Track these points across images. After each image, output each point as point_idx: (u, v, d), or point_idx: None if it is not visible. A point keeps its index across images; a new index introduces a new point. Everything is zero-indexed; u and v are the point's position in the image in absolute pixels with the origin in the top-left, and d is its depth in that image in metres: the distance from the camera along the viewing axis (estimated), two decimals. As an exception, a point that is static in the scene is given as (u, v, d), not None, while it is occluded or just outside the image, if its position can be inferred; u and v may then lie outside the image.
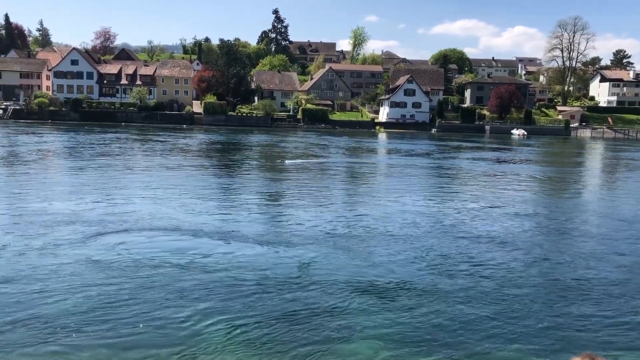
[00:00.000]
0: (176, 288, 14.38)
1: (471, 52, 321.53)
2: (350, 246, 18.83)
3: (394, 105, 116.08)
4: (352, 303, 13.76)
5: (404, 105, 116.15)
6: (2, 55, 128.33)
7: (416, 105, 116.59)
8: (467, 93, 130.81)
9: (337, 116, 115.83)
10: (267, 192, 31.29)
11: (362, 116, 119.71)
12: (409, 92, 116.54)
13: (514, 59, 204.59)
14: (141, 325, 12.25)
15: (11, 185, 30.68)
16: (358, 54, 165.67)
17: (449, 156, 60.73)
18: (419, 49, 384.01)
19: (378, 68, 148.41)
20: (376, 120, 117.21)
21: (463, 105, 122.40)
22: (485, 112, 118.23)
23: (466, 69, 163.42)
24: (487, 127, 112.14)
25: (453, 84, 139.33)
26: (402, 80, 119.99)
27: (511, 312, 13.31)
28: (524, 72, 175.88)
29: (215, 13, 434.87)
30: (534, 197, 32.02)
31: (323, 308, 13.48)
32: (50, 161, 44.22)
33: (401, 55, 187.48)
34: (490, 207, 27.30)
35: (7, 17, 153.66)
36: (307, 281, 15.48)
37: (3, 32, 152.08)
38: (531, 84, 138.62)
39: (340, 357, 11.11)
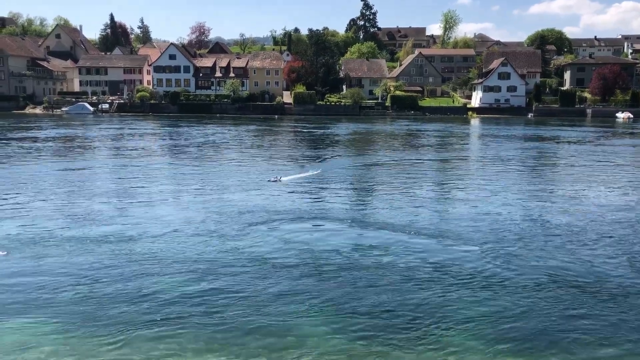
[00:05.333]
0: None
1: (571, 32, 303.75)
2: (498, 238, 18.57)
3: (487, 89, 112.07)
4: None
5: (498, 89, 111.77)
6: (108, 53, 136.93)
7: (511, 89, 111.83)
8: (567, 75, 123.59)
9: (427, 102, 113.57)
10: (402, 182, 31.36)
11: (453, 102, 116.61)
12: (504, 76, 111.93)
13: (619, 37, 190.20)
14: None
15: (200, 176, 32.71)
16: (449, 38, 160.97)
17: (550, 142, 57.82)
18: (514, 31, 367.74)
19: (470, 52, 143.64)
20: (468, 106, 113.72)
21: (562, 88, 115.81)
22: (586, 94, 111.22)
23: (565, 49, 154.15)
24: (589, 111, 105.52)
25: (551, 66, 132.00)
26: (496, 63, 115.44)
27: None
28: (630, 50, 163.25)
29: (304, 3, 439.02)
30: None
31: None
32: (223, 154, 46.20)
33: (495, 38, 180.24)
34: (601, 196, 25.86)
35: (112, 17, 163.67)
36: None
37: (108, 31, 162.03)
38: (639, 63, 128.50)
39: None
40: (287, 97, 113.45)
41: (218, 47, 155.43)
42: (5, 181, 30.19)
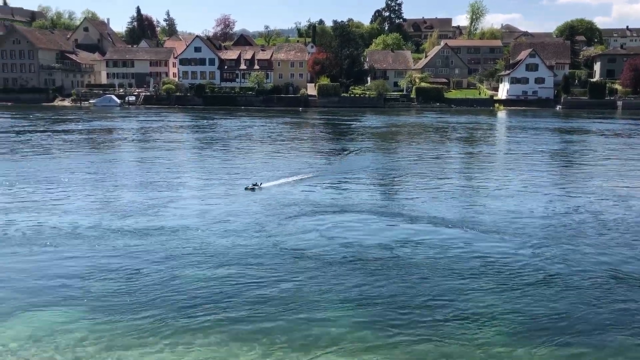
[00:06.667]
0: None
1: (602, 22, 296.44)
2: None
3: (514, 81, 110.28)
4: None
5: (526, 81, 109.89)
6: (135, 46, 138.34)
7: (539, 80, 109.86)
8: (597, 66, 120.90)
9: (452, 94, 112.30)
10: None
11: (479, 94, 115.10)
12: (531, 67, 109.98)
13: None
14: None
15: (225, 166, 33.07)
16: (476, 29, 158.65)
17: (580, 134, 56.72)
18: (542, 22, 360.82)
19: (497, 43, 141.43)
20: (495, 98, 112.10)
21: (592, 80, 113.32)
22: (617, 86, 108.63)
23: (595, 40, 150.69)
24: (620, 103, 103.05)
25: (580, 57, 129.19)
26: (523, 54, 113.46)
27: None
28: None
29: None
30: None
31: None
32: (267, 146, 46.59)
33: (523, 29, 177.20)
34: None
35: (138, 10, 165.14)
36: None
37: (135, 24, 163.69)
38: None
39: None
40: (311, 89, 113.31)
41: (243, 40, 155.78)
42: (38, 173, 30.76)
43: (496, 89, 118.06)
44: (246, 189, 25.49)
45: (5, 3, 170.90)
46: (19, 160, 35.63)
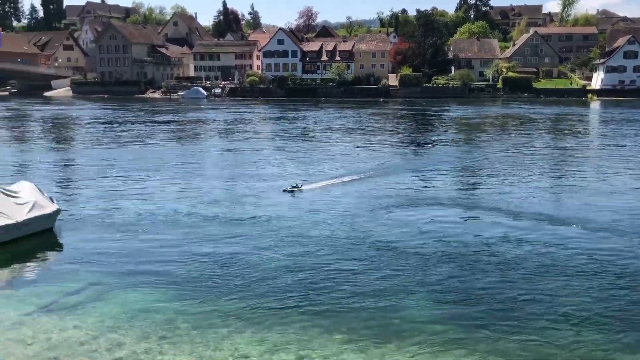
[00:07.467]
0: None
1: None
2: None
3: (610, 70, 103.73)
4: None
5: (623, 69, 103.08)
6: (221, 39, 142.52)
7: (638, 69, 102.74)
8: None
9: (541, 84, 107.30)
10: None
11: (571, 83, 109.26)
12: (630, 55, 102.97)
13: None
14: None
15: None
16: (568, 15, 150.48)
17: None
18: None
19: (592, 29, 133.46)
20: (588, 88, 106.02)
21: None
22: None
23: None
24: None
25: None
26: (621, 41, 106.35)
27: None
28: None
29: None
30: None
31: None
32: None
33: (621, 14, 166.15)
34: None
35: (224, 4, 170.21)
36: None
37: (221, 17, 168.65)
38: None
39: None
40: (393, 80, 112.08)
41: (325, 31, 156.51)
42: (141, 161, 32.50)
43: (589, 79, 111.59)
44: (284, 191, 23.43)
45: (103, 1, 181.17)
46: (125, 149, 38.05)
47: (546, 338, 10.79)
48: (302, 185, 24.06)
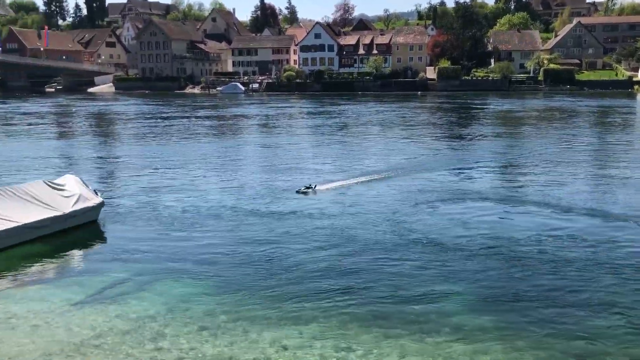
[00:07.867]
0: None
1: None
2: None
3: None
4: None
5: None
6: (258, 34, 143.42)
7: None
8: None
9: (585, 76, 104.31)
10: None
11: (616, 75, 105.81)
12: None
13: None
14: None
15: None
16: (614, 4, 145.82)
17: None
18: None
19: (638, 18, 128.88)
20: (635, 79, 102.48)
21: None
22: None
23: None
24: None
25: None
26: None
27: None
28: None
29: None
30: None
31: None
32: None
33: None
34: None
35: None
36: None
37: (258, 12, 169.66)
38: None
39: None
40: (431, 73, 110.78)
41: (362, 24, 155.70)
42: (184, 156, 33.11)
43: (636, 70, 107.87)
44: (298, 192, 22.28)
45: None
46: (169, 144, 39.00)
47: (597, 340, 10.50)
48: (315, 186, 22.73)
